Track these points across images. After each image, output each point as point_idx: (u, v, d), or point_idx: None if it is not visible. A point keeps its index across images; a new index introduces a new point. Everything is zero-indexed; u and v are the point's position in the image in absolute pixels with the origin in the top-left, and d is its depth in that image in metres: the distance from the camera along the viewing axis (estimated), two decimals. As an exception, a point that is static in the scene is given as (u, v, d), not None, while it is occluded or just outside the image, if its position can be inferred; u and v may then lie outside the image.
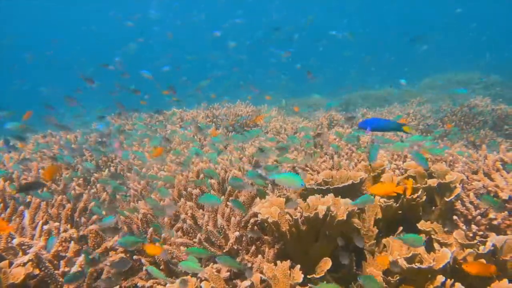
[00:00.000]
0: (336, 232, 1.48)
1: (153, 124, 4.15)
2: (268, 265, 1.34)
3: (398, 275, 1.37)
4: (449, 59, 10.05)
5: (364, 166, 1.93)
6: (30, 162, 2.44)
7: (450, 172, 1.70)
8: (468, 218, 1.71)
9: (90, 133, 3.82)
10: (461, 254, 1.50)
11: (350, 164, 2.17)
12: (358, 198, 1.44)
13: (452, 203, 1.72)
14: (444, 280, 1.33)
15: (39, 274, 1.34)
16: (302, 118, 5.58)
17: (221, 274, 1.37)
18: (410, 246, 1.39)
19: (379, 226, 1.65)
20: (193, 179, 2.09)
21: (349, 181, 1.72)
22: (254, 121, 4.11)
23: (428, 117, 4.41)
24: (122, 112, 3.95)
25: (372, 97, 8.92)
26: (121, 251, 1.59)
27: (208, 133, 3.10)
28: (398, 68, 12.87)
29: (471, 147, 3.75)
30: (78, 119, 6.31)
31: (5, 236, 1.40)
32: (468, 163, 2.01)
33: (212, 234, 1.52)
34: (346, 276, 1.51)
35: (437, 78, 9.66)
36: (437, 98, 7.38)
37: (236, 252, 1.51)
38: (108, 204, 2.06)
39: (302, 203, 1.56)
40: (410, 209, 1.71)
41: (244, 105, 4.64)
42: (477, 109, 4.23)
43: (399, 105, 6.14)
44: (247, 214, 1.58)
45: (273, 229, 1.50)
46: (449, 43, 17.70)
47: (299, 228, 1.43)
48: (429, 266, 1.34)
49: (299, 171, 2.11)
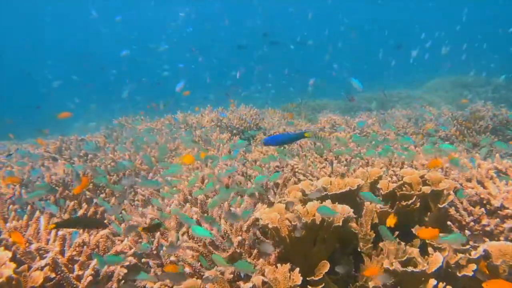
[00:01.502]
0: (333, 236, 1.57)
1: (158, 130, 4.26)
2: (270, 267, 1.42)
3: (393, 278, 1.45)
4: (453, 61, 10.05)
5: (361, 173, 2.00)
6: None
7: (444, 180, 1.77)
8: (462, 224, 1.78)
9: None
10: (454, 258, 1.58)
11: (350, 169, 2.25)
12: (356, 204, 1.52)
13: (446, 210, 1.79)
14: (436, 284, 1.40)
15: (55, 278, 1.43)
16: (305, 121, 5.67)
17: (224, 276, 1.46)
18: (454, 244, 1.46)
19: (376, 231, 1.72)
20: (198, 185, 2.19)
21: (347, 188, 1.80)
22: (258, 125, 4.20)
23: (429, 121, 4.47)
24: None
25: (371, 99, 8.94)
26: (131, 254, 1.69)
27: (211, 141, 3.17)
28: (402, 69, 12.88)
29: (472, 150, 3.80)
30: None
31: (24, 241, 1.50)
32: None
33: (217, 238, 1.61)
34: (345, 277, 1.59)
35: (441, 80, 9.67)
36: (440, 101, 7.42)
37: (239, 255, 1.59)
38: (116, 208, 2.16)
39: (301, 209, 1.64)
40: (405, 214, 1.78)
41: (248, 108, 4.73)
42: (479, 114, 4.27)
43: (401, 108, 6.19)
44: (249, 220, 1.67)
45: (274, 234, 1.58)
46: (454, 45, 17.70)
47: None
48: (422, 270, 1.41)
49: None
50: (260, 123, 4.25)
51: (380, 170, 1.95)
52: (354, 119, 5.03)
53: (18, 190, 2.06)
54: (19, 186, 2.09)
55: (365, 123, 4.08)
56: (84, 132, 4.85)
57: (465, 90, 8.52)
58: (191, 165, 2.33)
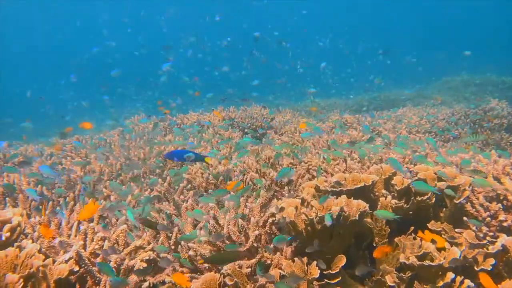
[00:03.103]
0: (350, 231, 1.58)
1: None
2: (286, 261, 1.45)
3: (410, 272, 1.46)
4: (465, 61, 9.94)
5: (375, 169, 2.01)
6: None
7: (459, 176, 1.77)
8: (478, 219, 1.77)
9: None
10: (471, 253, 1.58)
11: (363, 166, 2.26)
12: (371, 200, 1.54)
13: (462, 205, 1.78)
14: (454, 277, 1.41)
15: (79, 271, 1.48)
16: (316, 120, 5.67)
17: (242, 270, 1.48)
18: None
19: (391, 226, 1.73)
20: (213, 181, 2.22)
21: (361, 184, 1.82)
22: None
23: (441, 120, 4.43)
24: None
25: (378, 98, 8.89)
26: (150, 249, 1.73)
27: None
28: (412, 69, 12.78)
29: (485, 148, 3.76)
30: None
31: (51, 234, 1.55)
32: (478, 167, 2.07)
33: (234, 232, 1.64)
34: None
35: (452, 80, 9.56)
36: (451, 100, 7.34)
37: (256, 250, 1.62)
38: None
39: (316, 204, 1.66)
40: (421, 210, 1.79)
41: (259, 108, 4.78)
42: (493, 112, 4.23)
43: (413, 107, 6.15)
44: (265, 214, 1.69)
45: (290, 228, 1.60)
46: (465, 45, 17.54)
47: (314, 227, 1.54)
48: (439, 264, 1.42)
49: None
50: (271, 122, 4.29)
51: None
52: (365, 118, 5.02)
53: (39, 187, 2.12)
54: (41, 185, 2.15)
55: (368, 128, 4.04)
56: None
57: (476, 88, 8.41)
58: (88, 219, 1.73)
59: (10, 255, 1.33)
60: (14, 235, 1.52)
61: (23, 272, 1.29)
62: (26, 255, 1.34)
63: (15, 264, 1.33)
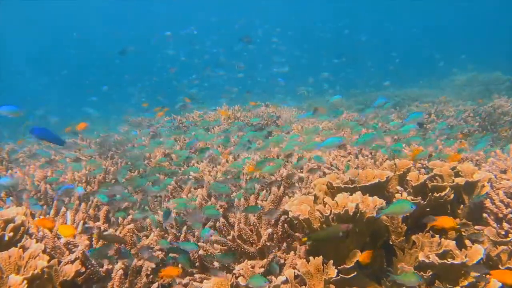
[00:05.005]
0: (366, 228, 1.52)
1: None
2: (302, 261, 1.38)
3: (430, 271, 1.39)
4: (471, 59, 9.85)
5: (389, 165, 1.95)
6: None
7: (478, 171, 1.71)
8: (499, 216, 1.71)
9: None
10: (494, 251, 1.51)
11: (375, 163, 2.19)
12: (385, 197, 1.47)
13: (481, 201, 1.72)
14: (478, 276, 1.34)
15: (85, 272, 1.42)
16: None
17: (255, 269, 1.42)
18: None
19: (408, 223, 1.67)
20: (221, 179, 2.16)
21: (376, 180, 1.75)
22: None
23: (450, 116, 4.36)
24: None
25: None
26: (158, 248, 1.67)
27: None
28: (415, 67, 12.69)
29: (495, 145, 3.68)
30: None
31: (53, 236, 1.50)
32: (496, 162, 2.00)
33: (244, 231, 1.57)
34: (377, 272, 1.53)
35: (458, 78, 9.47)
36: (457, 98, 7.25)
37: (268, 249, 1.55)
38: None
39: (330, 201, 1.60)
40: (438, 206, 1.72)
41: (264, 106, 4.72)
42: (503, 109, 4.16)
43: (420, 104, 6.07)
44: (277, 212, 1.63)
45: (304, 226, 1.54)
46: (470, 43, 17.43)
47: (330, 225, 1.47)
48: (462, 262, 1.35)
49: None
50: (278, 120, 4.24)
51: (409, 162, 1.89)
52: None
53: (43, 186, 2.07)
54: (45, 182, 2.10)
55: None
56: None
57: (484, 87, 8.30)
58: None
59: (13, 256, 1.27)
60: (18, 235, 1.46)
61: (27, 273, 1.23)
62: (30, 256, 1.29)
63: (18, 265, 1.28)
